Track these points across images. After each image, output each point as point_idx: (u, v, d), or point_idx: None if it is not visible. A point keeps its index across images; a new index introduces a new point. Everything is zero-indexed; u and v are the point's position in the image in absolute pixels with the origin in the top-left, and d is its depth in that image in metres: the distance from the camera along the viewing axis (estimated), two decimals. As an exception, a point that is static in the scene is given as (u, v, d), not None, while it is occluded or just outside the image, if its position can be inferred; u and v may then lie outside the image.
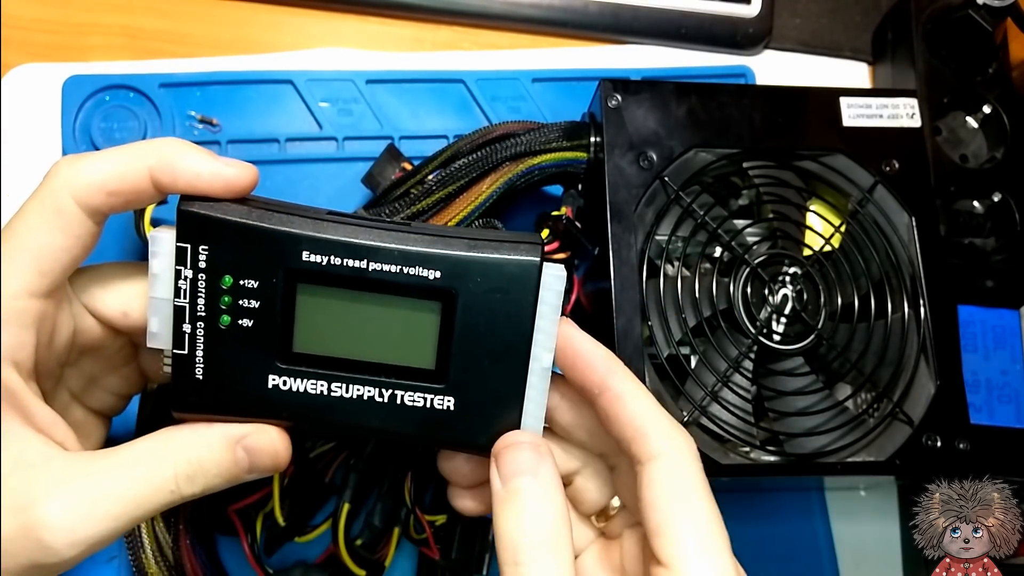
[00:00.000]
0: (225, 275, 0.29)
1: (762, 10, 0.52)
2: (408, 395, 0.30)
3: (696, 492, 0.28)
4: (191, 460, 0.29)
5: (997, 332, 0.44)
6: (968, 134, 0.48)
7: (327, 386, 0.30)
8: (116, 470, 0.28)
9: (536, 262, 0.29)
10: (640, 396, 0.30)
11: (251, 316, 0.29)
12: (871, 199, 0.43)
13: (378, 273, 0.29)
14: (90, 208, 0.28)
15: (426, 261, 0.29)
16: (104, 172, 0.28)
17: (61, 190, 0.28)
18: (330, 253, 0.29)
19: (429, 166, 0.42)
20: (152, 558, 0.39)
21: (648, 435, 0.29)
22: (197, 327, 0.29)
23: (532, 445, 0.29)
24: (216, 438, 0.29)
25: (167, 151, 0.28)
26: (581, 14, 0.51)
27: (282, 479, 0.39)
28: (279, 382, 0.29)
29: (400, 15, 0.51)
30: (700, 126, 0.42)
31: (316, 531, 0.41)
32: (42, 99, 0.47)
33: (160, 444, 0.29)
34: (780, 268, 0.42)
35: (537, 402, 0.30)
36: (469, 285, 0.29)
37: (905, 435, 0.41)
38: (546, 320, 0.30)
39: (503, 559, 0.27)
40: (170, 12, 0.50)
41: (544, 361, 0.30)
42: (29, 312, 0.28)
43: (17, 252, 0.28)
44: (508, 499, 0.28)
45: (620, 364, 0.31)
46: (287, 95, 0.48)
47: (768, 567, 0.47)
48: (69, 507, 0.27)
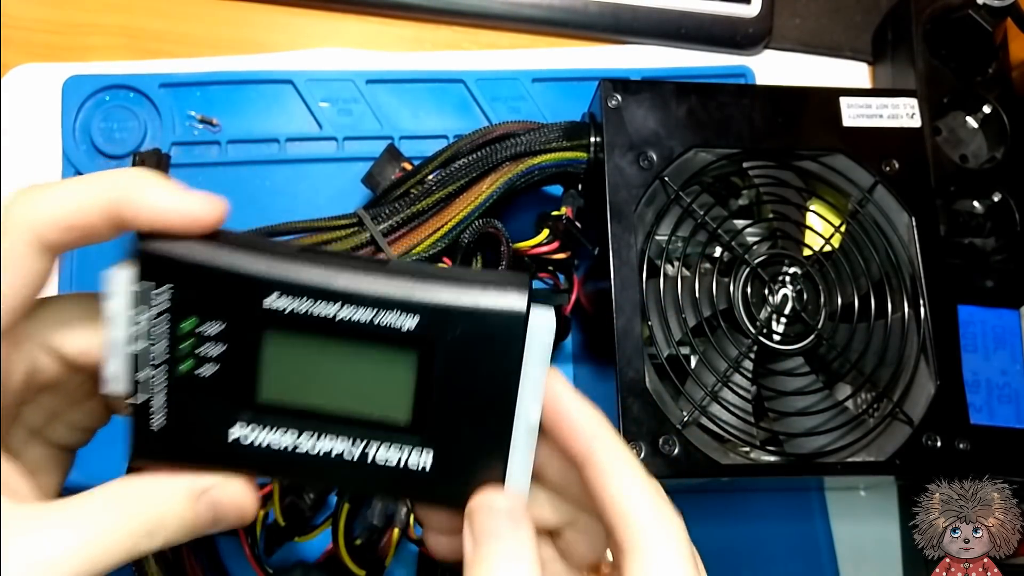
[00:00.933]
0: (187, 319, 0.27)
1: (762, 10, 0.52)
2: (381, 450, 0.27)
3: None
4: (149, 515, 0.26)
5: (997, 332, 0.44)
6: (968, 134, 0.48)
7: (294, 438, 0.27)
8: (69, 526, 0.25)
9: (522, 310, 0.26)
10: (626, 474, 0.27)
11: (214, 362, 0.27)
12: (871, 199, 0.43)
13: (349, 320, 0.26)
14: (44, 244, 0.26)
15: (402, 306, 0.26)
16: (59, 207, 0.26)
17: (13, 226, 0.26)
18: (299, 296, 0.26)
19: (429, 166, 0.43)
20: (152, 558, 0.39)
21: (632, 523, 0.26)
22: (156, 373, 0.27)
23: (508, 511, 0.27)
24: (177, 490, 0.27)
25: (128, 185, 0.26)
26: (581, 14, 0.51)
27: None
28: (242, 434, 0.27)
29: (400, 15, 0.51)
30: (700, 126, 0.42)
31: (316, 531, 0.41)
32: (42, 99, 0.47)
33: (116, 497, 0.27)
34: (780, 268, 0.42)
35: (522, 462, 0.28)
36: (448, 335, 0.27)
37: (905, 435, 0.41)
38: (534, 369, 0.27)
39: None
40: (170, 12, 0.50)
41: (531, 417, 0.28)
42: None
43: None
44: (478, 564, 0.26)
45: (608, 430, 0.28)
46: (287, 95, 0.48)
47: (768, 567, 0.47)
48: (21, 569, 0.24)
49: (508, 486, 0.28)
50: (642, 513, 0.26)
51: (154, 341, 0.27)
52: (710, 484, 0.44)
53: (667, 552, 0.26)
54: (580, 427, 0.28)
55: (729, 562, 0.46)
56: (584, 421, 0.28)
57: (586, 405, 0.28)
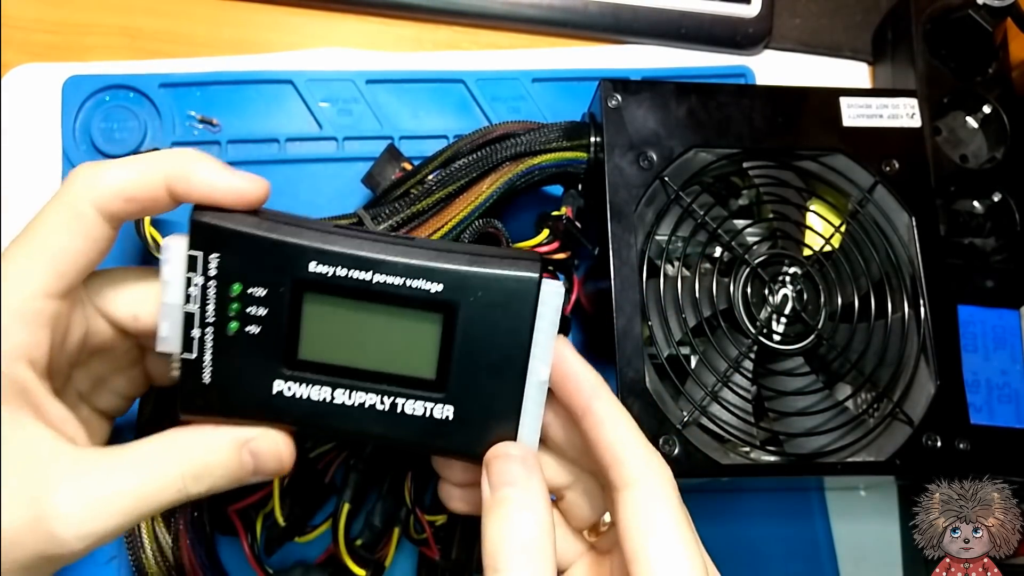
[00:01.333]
0: (234, 283, 0.30)
1: (762, 10, 0.52)
2: (408, 404, 0.31)
3: (670, 521, 0.29)
4: (197, 461, 0.29)
5: (997, 332, 0.44)
6: (968, 134, 0.48)
7: (330, 393, 0.30)
8: (126, 467, 0.29)
9: (535, 278, 0.30)
10: (620, 423, 0.30)
11: (258, 323, 0.30)
12: (871, 199, 0.43)
13: (382, 285, 0.30)
14: (107, 213, 0.29)
15: (428, 274, 0.30)
16: (122, 180, 0.29)
17: (81, 196, 0.29)
18: (336, 264, 0.30)
19: (429, 166, 0.42)
20: (152, 558, 0.39)
21: (624, 462, 0.30)
22: (206, 333, 0.30)
23: (522, 458, 0.30)
24: (223, 441, 0.30)
25: (184, 162, 0.29)
26: (581, 14, 0.51)
27: (282, 479, 0.39)
28: (284, 388, 0.30)
29: (400, 15, 0.51)
30: (700, 126, 0.42)
31: (316, 531, 0.41)
32: (42, 99, 0.47)
33: (168, 444, 0.30)
34: (780, 268, 0.42)
35: (533, 414, 0.31)
36: (470, 298, 0.30)
37: (905, 435, 0.41)
38: (543, 335, 0.31)
39: (486, 563, 0.28)
40: (170, 12, 0.50)
41: (541, 375, 0.31)
42: (45, 312, 0.29)
43: (36, 253, 0.29)
44: (495, 507, 0.29)
45: (606, 389, 0.31)
46: (287, 95, 0.48)
47: (768, 567, 0.47)
48: (79, 501, 0.27)
49: (521, 437, 0.31)
50: (636, 455, 0.30)
51: (204, 304, 0.30)
52: (710, 484, 0.44)
53: (658, 485, 0.29)
54: (582, 385, 0.31)
55: (729, 562, 0.46)
56: (585, 380, 0.31)
57: (588, 367, 0.31)
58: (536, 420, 0.31)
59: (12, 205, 0.46)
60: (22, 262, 0.29)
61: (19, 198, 0.46)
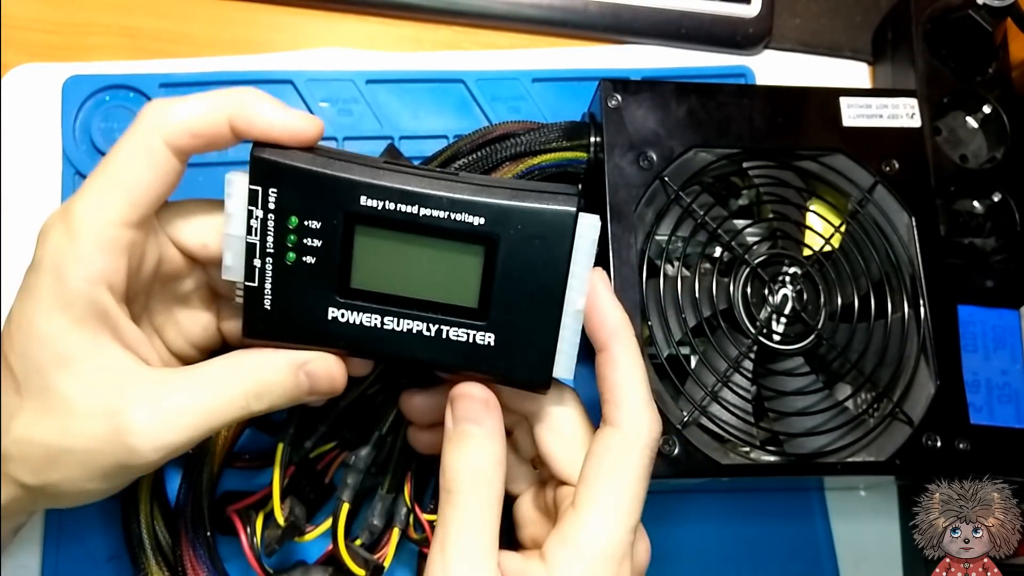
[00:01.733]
0: (291, 216, 0.32)
1: (762, 10, 0.52)
2: (452, 330, 0.32)
3: (634, 469, 0.32)
4: (259, 380, 0.32)
5: (997, 332, 0.44)
6: (968, 134, 0.48)
7: (380, 319, 0.32)
8: (195, 385, 0.31)
9: (572, 211, 0.31)
10: (631, 369, 0.33)
11: (314, 254, 0.32)
12: (871, 199, 0.43)
13: (428, 218, 0.31)
14: (176, 148, 0.31)
15: (471, 208, 0.31)
16: (189, 116, 0.31)
17: (152, 131, 0.31)
18: (385, 199, 0.31)
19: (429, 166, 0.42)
20: (152, 558, 0.39)
21: (620, 405, 0.33)
22: (266, 262, 0.32)
23: (482, 400, 0.33)
24: (282, 362, 0.32)
25: (245, 100, 0.31)
26: (581, 14, 0.51)
27: (282, 479, 0.39)
28: (338, 314, 0.32)
29: (400, 15, 0.51)
30: (700, 126, 0.42)
31: (316, 531, 0.41)
32: (42, 99, 0.46)
33: (233, 365, 0.32)
34: (780, 268, 0.42)
35: (570, 342, 0.33)
36: (510, 231, 0.32)
37: (905, 435, 0.41)
38: (580, 266, 0.32)
39: (443, 485, 0.32)
40: (170, 12, 0.50)
41: (578, 304, 0.33)
42: (122, 240, 0.31)
43: (112, 185, 0.31)
44: (456, 438, 0.33)
45: (628, 332, 0.33)
46: (287, 95, 0.48)
47: (768, 567, 0.47)
48: (154, 416, 0.30)
49: (558, 363, 0.33)
50: (632, 404, 0.33)
51: (265, 235, 0.32)
52: (710, 484, 0.44)
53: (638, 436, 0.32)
54: (607, 320, 0.33)
55: (729, 562, 0.47)
56: (611, 317, 0.33)
57: (617, 305, 0.33)
58: (573, 348, 0.33)
59: (12, 205, 0.45)
60: (99, 194, 0.31)
61: (19, 198, 0.46)
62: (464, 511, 0.32)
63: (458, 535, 0.31)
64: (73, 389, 0.30)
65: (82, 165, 0.46)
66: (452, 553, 0.31)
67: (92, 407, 0.30)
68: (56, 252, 0.30)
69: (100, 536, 0.42)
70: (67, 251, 0.30)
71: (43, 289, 0.30)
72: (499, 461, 0.32)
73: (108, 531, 0.42)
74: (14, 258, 0.45)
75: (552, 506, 0.35)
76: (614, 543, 0.31)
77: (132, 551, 0.39)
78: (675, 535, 0.46)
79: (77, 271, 0.30)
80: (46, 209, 0.45)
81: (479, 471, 0.32)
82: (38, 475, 0.31)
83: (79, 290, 0.30)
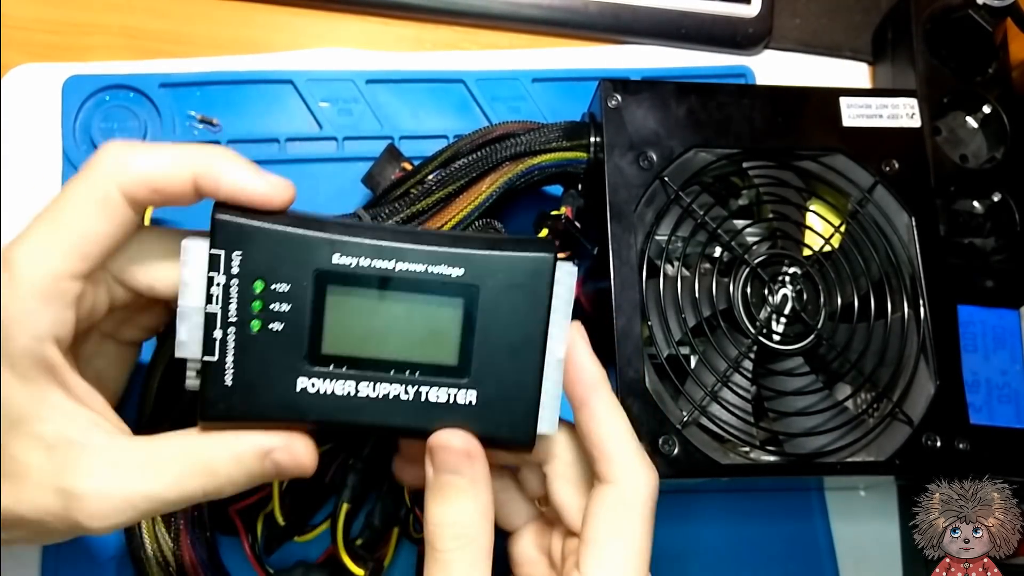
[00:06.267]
0: (257, 280, 0.30)
1: (762, 10, 0.52)
2: (432, 391, 0.31)
3: (636, 526, 0.31)
4: (219, 474, 0.30)
5: (997, 332, 0.44)
6: (968, 134, 0.48)
7: (355, 386, 0.30)
8: (149, 469, 0.29)
9: (550, 258, 0.31)
10: (615, 422, 0.32)
11: (281, 320, 0.30)
12: (871, 199, 0.43)
13: (404, 273, 0.30)
14: (134, 200, 0.29)
15: (450, 260, 0.30)
16: (151, 168, 0.29)
17: (108, 177, 0.29)
18: (359, 255, 0.30)
19: (429, 166, 0.42)
20: (152, 558, 0.39)
21: (612, 460, 0.31)
22: (228, 333, 0.30)
23: (463, 451, 0.31)
24: (245, 450, 0.30)
25: (214, 160, 0.30)
26: (581, 14, 0.51)
27: (282, 480, 0.39)
28: (308, 384, 0.30)
29: (400, 15, 0.51)
30: (700, 126, 0.42)
31: (316, 531, 0.41)
32: (42, 99, 0.46)
33: (190, 453, 0.30)
34: (780, 268, 0.42)
35: (552, 393, 0.32)
36: (489, 281, 0.31)
37: (905, 435, 0.41)
38: (559, 314, 0.31)
39: (427, 540, 0.31)
40: (170, 12, 0.50)
41: (558, 353, 0.32)
42: (70, 292, 0.29)
43: (60, 233, 0.29)
44: (437, 489, 0.31)
45: (606, 385, 0.32)
46: (287, 95, 0.48)
47: (768, 567, 0.47)
48: (104, 499, 0.29)
49: (541, 416, 0.31)
50: (624, 456, 0.31)
51: (227, 303, 0.30)
52: (710, 484, 0.44)
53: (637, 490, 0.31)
54: (584, 375, 0.32)
55: (729, 562, 0.47)
56: (588, 371, 0.32)
57: (593, 359, 0.32)
58: (555, 399, 0.32)
59: (12, 205, 0.46)
60: (45, 242, 0.29)
61: (19, 198, 0.46)
62: (450, 570, 0.30)
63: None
64: (25, 453, 0.29)
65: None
66: None
67: (43, 477, 0.28)
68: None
69: (100, 536, 0.42)
70: (11, 307, 0.28)
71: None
72: (484, 513, 0.30)
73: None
74: (14, 258, 0.45)
75: (560, 557, 0.34)
76: None
77: (133, 551, 0.39)
78: (675, 535, 0.46)
79: (23, 328, 0.28)
80: (46, 209, 0.45)
81: (464, 526, 0.30)
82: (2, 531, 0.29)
83: (25, 347, 0.28)
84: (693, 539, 0.46)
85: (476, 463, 0.31)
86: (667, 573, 0.45)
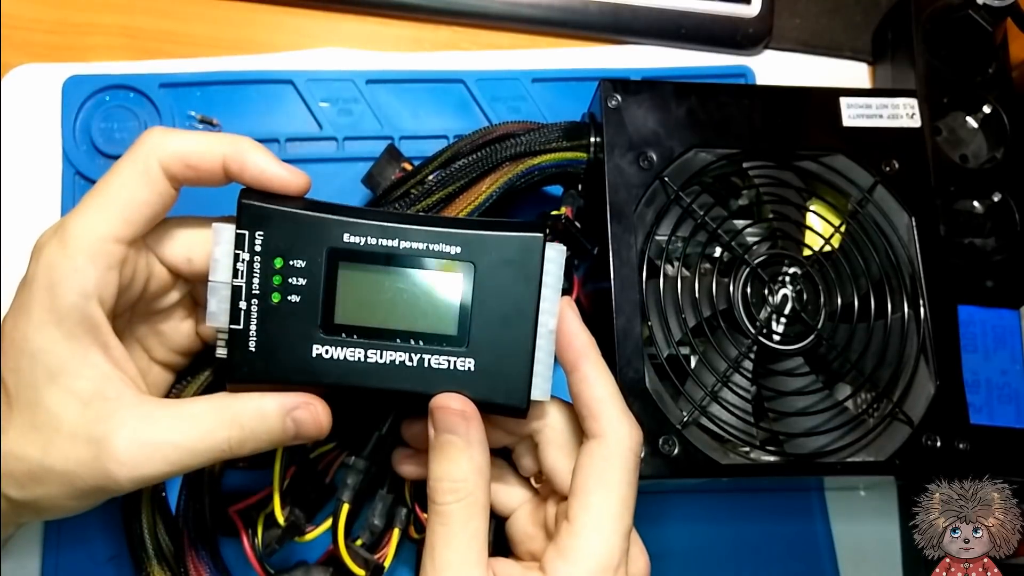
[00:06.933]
0: (277, 257, 0.33)
1: (762, 10, 0.52)
2: (434, 359, 0.34)
3: (619, 475, 0.33)
4: (244, 426, 0.32)
5: (997, 332, 0.44)
6: (968, 134, 0.48)
7: (364, 353, 0.34)
8: (179, 421, 0.32)
9: (540, 237, 0.34)
10: (603, 384, 0.34)
11: (298, 292, 0.33)
12: (871, 199, 0.43)
13: (407, 250, 0.33)
14: (170, 174, 0.33)
15: (448, 239, 0.34)
16: (187, 146, 0.33)
17: (150, 153, 0.32)
18: (367, 235, 0.33)
19: (429, 166, 0.42)
20: (154, 558, 0.39)
21: (599, 418, 0.34)
22: (252, 304, 0.33)
23: (460, 411, 0.33)
24: (269, 408, 0.33)
25: (242, 146, 0.33)
26: (581, 14, 0.51)
27: (282, 479, 0.39)
28: (322, 351, 0.33)
29: (400, 15, 0.51)
30: (700, 126, 0.42)
31: (316, 531, 0.41)
32: (42, 99, 0.47)
33: (219, 408, 0.32)
34: (780, 268, 0.42)
35: (544, 362, 0.34)
36: (485, 258, 0.34)
37: (905, 435, 0.41)
38: (550, 288, 0.34)
39: (429, 495, 0.33)
40: (170, 12, 0.50)
41: (549, 325, 0.34)
42: (115, 255, 0.32)
43: (108, 202, 0.32)
44: (438, 448, 0.33)
45: (595, 351, 0.35)
46: (287, 95, 0.48)
47: (768, 567, 0.47)
48: (135, 447, 0.31)
49: (535, 383, 0.34)
50: (611, 414, 0.34)
51: (251, 277, 0.33)
52: (710, 484, 0.44)
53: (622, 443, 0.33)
54: (575, 342, 0.34)
55: (729, 562, 0.47)
56: (578, 338, 0.35)
57: (582, 328, 0.35)
58: (548, 368, 0.34)
59: (12, 205, 0.46)
60: (95, 211, 0.32)
61: (19, 198, 0.46)
62: (449, 521, 0.32)
63: (445, 546, 0.32)
64: (61, 406, 0.31)
65: (82, 165, 0.46)
66: (441, 564, 0.32)
67: (76, 428, 0.31)
68: (50, 267, 0.31)
69: (100, 536, 0.42)
70: (62, 265, 0.31)
71: (36, 304, 0.31)
72: (480, 469, 0.33)
73: (108, 531, 0.42)
74: (14, 258, 0.45)
75: (553, 523, 0.36)
76: (608, 550, 0.32)
77: (134, 551, 0.39)
78: (675, 535, 0.46)
79: (71, 284, 0.31)
80: (46, 209, 0.45)
81: (460, 481, 0.32)
82: (23, 490, 0.31)
83: (72, 303, 0.31)
84: (693, 539, 0.46)
85: (472, 424, 0.33)
86: (667, 572, 0.45)
